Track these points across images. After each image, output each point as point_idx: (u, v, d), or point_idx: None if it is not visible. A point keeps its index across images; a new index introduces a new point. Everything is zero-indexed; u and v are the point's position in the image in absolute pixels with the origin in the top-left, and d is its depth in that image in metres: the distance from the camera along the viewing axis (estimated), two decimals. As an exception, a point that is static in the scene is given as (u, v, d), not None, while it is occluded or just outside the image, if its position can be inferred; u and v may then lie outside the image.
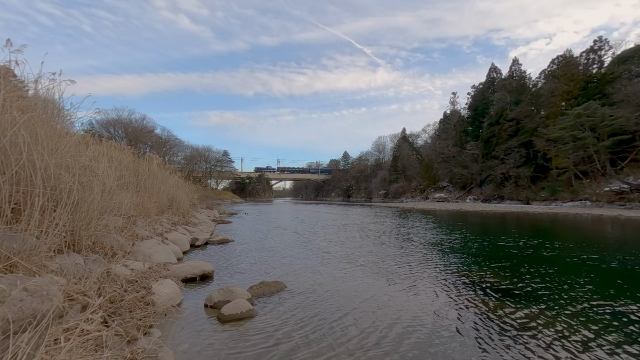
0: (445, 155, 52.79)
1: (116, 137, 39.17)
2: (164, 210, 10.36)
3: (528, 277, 4.81)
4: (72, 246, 3.48)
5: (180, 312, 3.27)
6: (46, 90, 4.08)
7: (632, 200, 23.47)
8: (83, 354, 1.81)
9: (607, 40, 35.71)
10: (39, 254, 2.58)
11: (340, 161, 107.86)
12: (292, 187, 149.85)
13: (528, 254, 6.75)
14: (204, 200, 24.48)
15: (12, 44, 3.54)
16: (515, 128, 39.95)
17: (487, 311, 3.40)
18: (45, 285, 1.92)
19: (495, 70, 53.74)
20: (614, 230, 11.53)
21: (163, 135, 52.10)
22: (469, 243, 8.38)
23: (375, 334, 2.83)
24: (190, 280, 4.49)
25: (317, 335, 2.80)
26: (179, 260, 5.74)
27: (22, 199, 2.81)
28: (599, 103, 28.47)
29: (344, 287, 4.32)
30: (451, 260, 6.15)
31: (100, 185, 4.30)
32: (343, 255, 6.58)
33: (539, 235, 10.17)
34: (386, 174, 72.20)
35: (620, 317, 3.23)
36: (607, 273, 5.05)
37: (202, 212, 17.52)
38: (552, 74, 38.46)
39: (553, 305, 3.56)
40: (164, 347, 2.26)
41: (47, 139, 3.22)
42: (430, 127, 70.72)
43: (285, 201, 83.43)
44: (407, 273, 5.08)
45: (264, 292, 3.97)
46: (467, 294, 3.99)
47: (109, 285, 2.82)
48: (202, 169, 65.04)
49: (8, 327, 1.57)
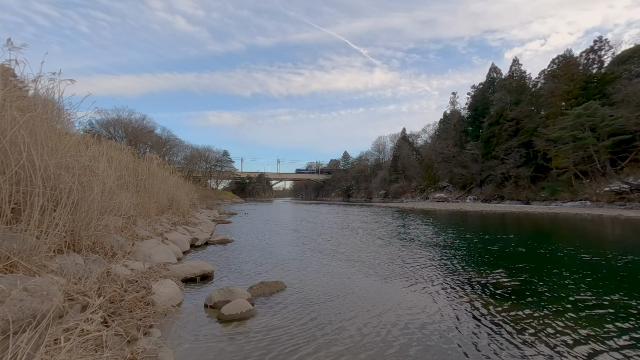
0: (445, 155, 52.77)
1: (116, 137, 39.16)
2: (164, 210, 10.36)
3: (528, 276, 4.81)
4: (72, 246, 3.48)
5: (180, 312, 3.27)
6: (46, 90, 4.07)
7: (632, 200, 23.46)
8: (83, 354, 1.81)
9: (607, 41, 35.70)
10: (39, 254, 2.58)
11: (340, 161, 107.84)
12: (292, 187, 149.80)
13: (528, 253, 6.74)
14: (204, 200, 24.47)
15: (12, 43, 3.54)
16: (515, 128, 39.93)
17: (487, 311, 3.39)
18: (45, 285, 1.92)
19: (495, 70, 53.72)
20: (614, 230, 11.53)
21: (163, 135, 52.13)
22: (469, 243, 8.38)
23: (375, 333, 2.83)
24: (190, 280, 4.49)
25: (318, 335, 2.80)
26: (179, 260, 5.74)
27: (22, 199, 2.81)
28: (599, 103, 28.45)
29: (344, 286, 4.31)
30: (451, 260, 6.14)
31: (100, 185, 4.29)
32: (343, 255, 6.57)
33: (539, 235, 10.17)
34: (386, 174, 72.18)
35: (621, 316, 3.23)
36: (607, 273, 5.05)
37: (202, 212, 17.51)
38: (552, 74, 38.46)
39: (553, 305, 3.56)
40: (164, 347, 2.26)
41: (47, 139, 3.22)
42: (430, 127, 70.74)
43: (285, 201, 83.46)
44: (407, 273, 5.08)
45: (264, 292, 3.97)
46: (468, 294, 3.98)
47: (109, 285, 2.82)
48: (202, 169, 65.02)
49: (8, 327, 1.56)
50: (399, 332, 2.87)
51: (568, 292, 4.07)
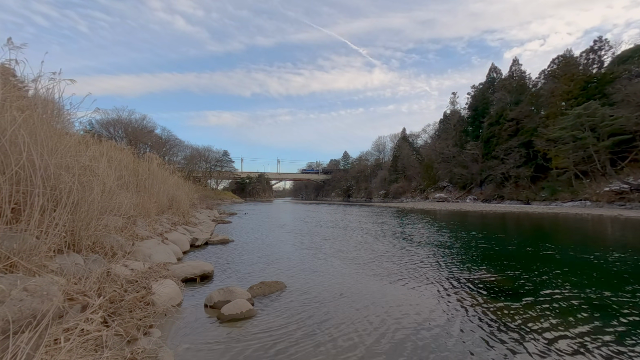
0: (445, 155, 52.77)
1: (116, 137, 39.11)
2: (164, 210, 10.36)
3: (528, 276, 4.80)
4: (72, 246, 3.48)
5: (180, 312, 3.27)
6: (46, 90, 4.07)
7: (632, 200, 23.46)
8: (83, 354, 1.81)
9: (607, 40, 35.71)
10: (39, 254, 2.58)
11: (340, 161, 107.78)
12: (292, 187, 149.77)
13: (528, 253, 6.74)
14: (203, 200, 24.46)
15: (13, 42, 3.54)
16: (515, 128, 39.94)
17: (487, 311, 3.39)
18: (45, 285, 1.92)
19: (495, 70, 53.74)
20: (614, 230, 11.53)
21: (163, 135, 52.09)
22: (469, 243, 8.38)
23: (375, 333, 2.83)
24: (190, 280, 4.49)
25: (318, 334, 2.79)
26: (179, 260, 5.73)
27: (22, 199, 2.80)
28: (599, 103, 28.46)
29: (344, 286, 4.31)
30: (451, 260, 6.14)
31: (100, 185, 4.29)
32: (343, 255, 6.57)
33: (539, 235, 10.17)
34: (386, 174, 72.17)
35: (621, 316, 3.23)
36: (608, 273, 5.05)
37: (202, 212, 17.51)
38: (552, 74, 38.46)
39: (553, 305, 3.55)
40: (164, 347, 2.26)
41: (47, 139, 3.22)
42: (430, 127, 70.76)
43: (285, 201, 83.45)
44: (407, 273, 5.07)
45: (264, 292, 3.97)
46: (468, 294, 3.98)
47: (109, 285, 2.82)
48: (202, 169, 65.00)
49: (8, 327, 1.56)
50: (399, 331, 2.87)
51: (568, 291, 4.07)
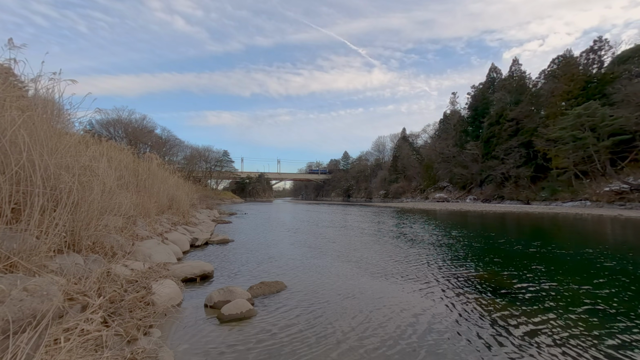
0: (445, 155, 52.76)
1: (116, 137, 39.13)
2: (164, 210, 10.35)
3: (528, 276, 4.80)
4: (72, 246, 3.48)
5: (180, 312, 3.27)
6: (46, 90, 4.07)
7: (632, 200, 23.46)
8: (83, 354, 1.81)
9: (606, 40, 35.68)
10: (39, 254, 2.58)
11: (340, 161, 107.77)
12: (292, 187, 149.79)
13: (528, 253, 6.74)
14: (204, 200, 24.45)
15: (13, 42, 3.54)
16: (515, 128, 39.93)
17: (487, 311, 3.39)
18: (45, 285, 1.92)
19: (495, 70, 53.76)
20: (614, 230, 11.53)
21: (163, 135, 52.13)
22: (469, 243, 8.38)
23: (375, 333, 2.83)
24: (190, 280, 4.49)
25: (318, 334, 2.79)
26: (179, 260, 5.73)
27: (22, 199, 2.80)
28: (599, 103, 28.46)
29: (344, 286, 4.31)
30: (451, 260, 6.14)
31: (100, 185, 4.29)
32: (343, 255, 6.57)
33: (539, 235, 10.17)
34: (386, 174, 72.17)
35: (621, 316, 3.22)
36: (608, 272, 5.04)
37: (202, 212, 17.51)
38: (552, 74, 38.45)
39: (553, 305, 3.55)
40: (164, 347, 2.26)
41: (47, 139, 3.21)
42: (430, 127, 70.77)
43: (285, 201, 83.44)
44: (407, 272, 5.07)
45: (264, 292, 3.97)
46: (468, 294, 3.98)
47: (109, 285, 2.82)
48: (202, 169, 65.01)
49: (8, 327, 1.56)
50: (400, 331, 2.87)
51: (568, 291, 4.07)
